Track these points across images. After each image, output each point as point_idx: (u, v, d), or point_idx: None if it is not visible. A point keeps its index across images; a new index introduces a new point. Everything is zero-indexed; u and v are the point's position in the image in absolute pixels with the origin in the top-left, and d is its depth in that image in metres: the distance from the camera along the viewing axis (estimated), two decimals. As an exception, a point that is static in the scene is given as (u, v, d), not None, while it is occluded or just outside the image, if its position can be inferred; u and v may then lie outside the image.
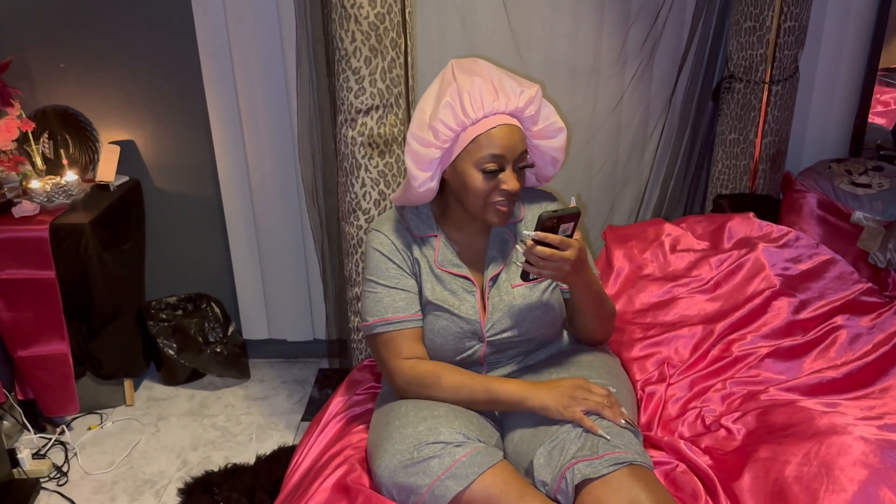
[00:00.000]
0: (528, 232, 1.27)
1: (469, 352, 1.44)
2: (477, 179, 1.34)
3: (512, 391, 1.33)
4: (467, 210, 1.40)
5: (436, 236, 1.46)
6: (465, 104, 1.32)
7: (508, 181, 1.34)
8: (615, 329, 1.78)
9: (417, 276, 1.45)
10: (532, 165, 1.41)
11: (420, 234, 1.46)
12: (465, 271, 1.45)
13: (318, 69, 2.00)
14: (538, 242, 1.27)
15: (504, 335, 1.44)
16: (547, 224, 1.26)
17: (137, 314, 2.49)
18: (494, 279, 1.45)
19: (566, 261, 1.28)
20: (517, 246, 1.28)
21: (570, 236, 1.30)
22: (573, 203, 1.33)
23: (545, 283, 1.46)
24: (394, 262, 1.43)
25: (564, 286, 1.46)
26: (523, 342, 1.46)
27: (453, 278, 1.44)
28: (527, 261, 1.29)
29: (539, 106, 1.38)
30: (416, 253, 1.45)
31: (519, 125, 1.36)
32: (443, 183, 1.44)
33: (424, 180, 1.37)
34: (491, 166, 1.33)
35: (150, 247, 2.55)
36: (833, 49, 2.35)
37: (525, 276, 1.33)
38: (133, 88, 2.37)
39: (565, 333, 1.57)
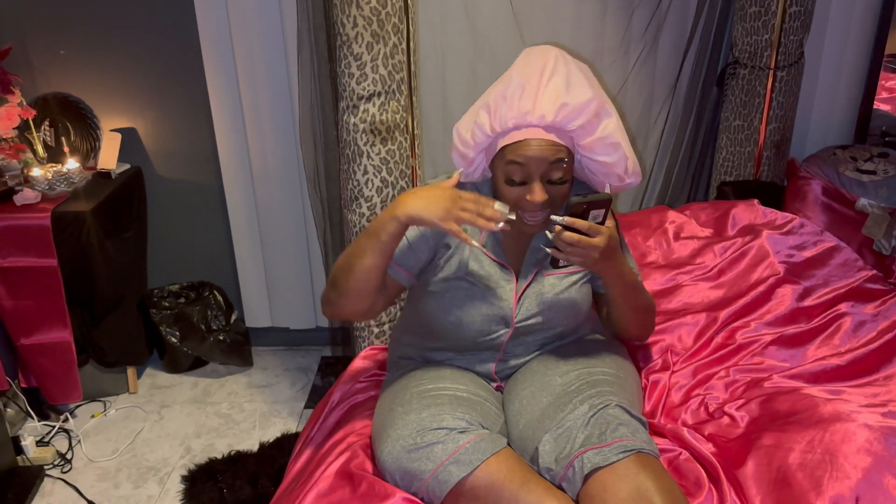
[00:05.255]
0: (557, 217, 1.25)
1: (493, 335, 1.44)
2: (504, 187, 1.33)
3: (377, 219, 1.29)
4: None
5: None
6: (501, 111, 1.29)
7: (534, 193, 1.30)
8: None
9: (458, 248, 1.40)
10: (568, 181, 1.33)
11: None
12: (503, 259, 1.43)
13: (320, 55, 1.99)
14: (567, 228, 1.25)
15: (529, 321, 1.43)
16: (576, 210, 1.24)
17: (140, 302, 2.49)
18: (535, 274, 1.43)
19: (595, 247, 1.25)
20: (546, 232, 1.27)
21: (602, 223, 1.28)
22: (607, 189, 1.31)
23: (576, 277, 1.45)
24: (429, 231, 1.40)
25: (600, 280, 1.45)
26: (545, 330, 1.46)
27: (491, 263, 1.43)
28: (555, 247, 1.27)
29: (589, 118, 1.29)
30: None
31: (554, 138, 1.28)
32: None
33: (468, 174, 1.40)
34: (515, 177, 1.30)
35: (152, 234, 2.54)
36: (839, 34, 2.33)
37: (555, 264, 1.32)
38: (134, 76, 2.35)
39: (586, 330, 1.55)
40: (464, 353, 1.48)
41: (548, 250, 1.29)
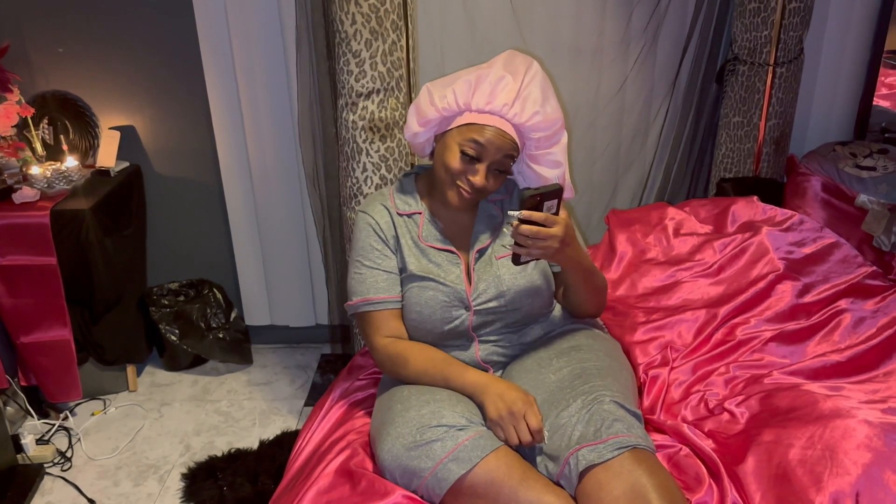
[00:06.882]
0: (514, 212, 1.28)
1: (456, 321, 1.45)
2: (455, 156, 1.40)
3: (465, 387, 1.35)
4: (436, 181, 1.47)
5: (420, 213, 1.51)
6: (480, 91, 1.39)
7: (478, 174, 1.40)
8: (619, 313, 1.79)
9: (399, 253, 1.48)
10: (510, 174, 1.47)
11: (404, 212, 1.51)
12: (450, 246, 1.49)
13: (318, 52, 1.99)
14: (523, 222, 1.27)
15: (490, 304, 1.45)
16: (529, 202, 1.27)
17: (139, 300, 2.49)
18: (481, 252, 1.48)
19: (554, 237, 1.28)
20: (504, 229, 1.30)
21: (556, 214, 1.30)
22: (558, 180, 1.34)
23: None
24: (377, 244, 1.49)
25: (557, 267, 1.48)
26: (509, 312, 1.47)
27: (437, 252, 1.48)
28: (515, 242, 1.29)
29: (548, 135, 1.41)
30: (400, 230, 1.49)
31: (515, 137, 1.40)
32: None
33: (415, 133, 1.47)
34: (470, 151, 1.39)
35: (152, 233, 2.54)
36: (838, 31, 2.33)
37: (516, 261, 1.34)
38: (132, 73, 2.35)
39: (557, 308, 1.56)
40: (444, 345, 1.49)
41: (508, 248, 1.31)
